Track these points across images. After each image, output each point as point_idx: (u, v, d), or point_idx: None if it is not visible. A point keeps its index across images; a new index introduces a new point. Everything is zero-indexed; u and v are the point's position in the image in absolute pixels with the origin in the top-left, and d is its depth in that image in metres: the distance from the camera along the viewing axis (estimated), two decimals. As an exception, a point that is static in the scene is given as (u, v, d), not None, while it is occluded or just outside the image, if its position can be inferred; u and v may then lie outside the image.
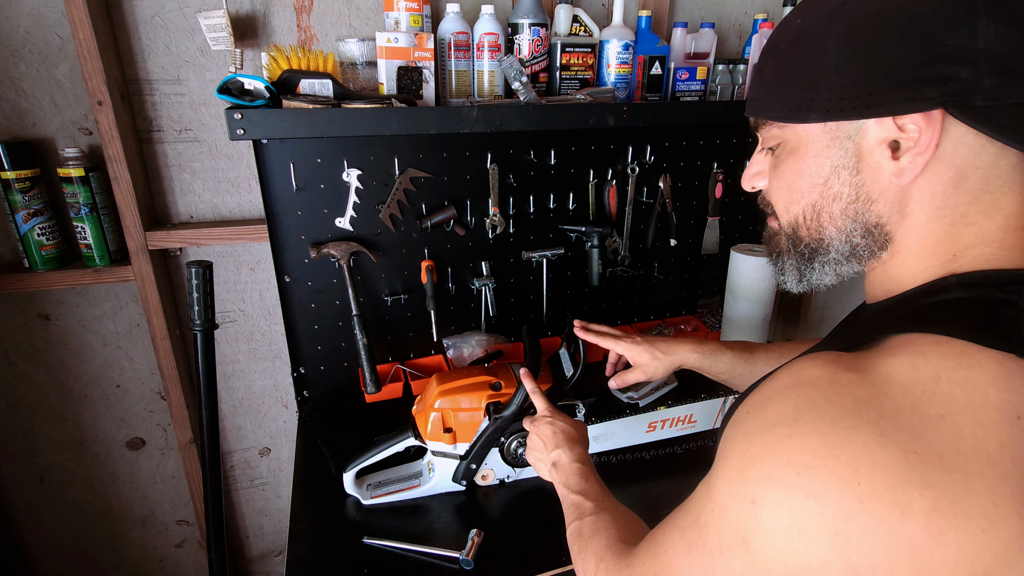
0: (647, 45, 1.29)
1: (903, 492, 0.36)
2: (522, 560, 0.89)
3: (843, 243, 0.52)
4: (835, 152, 0.49)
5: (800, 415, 0.41)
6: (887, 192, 0.48)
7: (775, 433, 0.41)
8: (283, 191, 1.16)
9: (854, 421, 0.38)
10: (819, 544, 0.38)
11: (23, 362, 1.29)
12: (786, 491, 0.39)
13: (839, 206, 0.51)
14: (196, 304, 1.04)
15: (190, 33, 1.17)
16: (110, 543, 1.51)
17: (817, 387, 0.41)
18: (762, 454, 0.41)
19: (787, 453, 0.40)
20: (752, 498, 0.41)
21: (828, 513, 0.37)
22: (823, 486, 0.37)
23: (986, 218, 0.46)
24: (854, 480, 0.37)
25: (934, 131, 0.43)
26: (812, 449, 0.39)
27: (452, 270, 1.34)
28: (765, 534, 0.40)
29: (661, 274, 1.55)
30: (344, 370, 1.33)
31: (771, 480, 0.40)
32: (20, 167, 1.11)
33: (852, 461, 0.37)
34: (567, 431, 0.85)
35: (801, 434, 0.40)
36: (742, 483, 0.42)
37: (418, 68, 1.10)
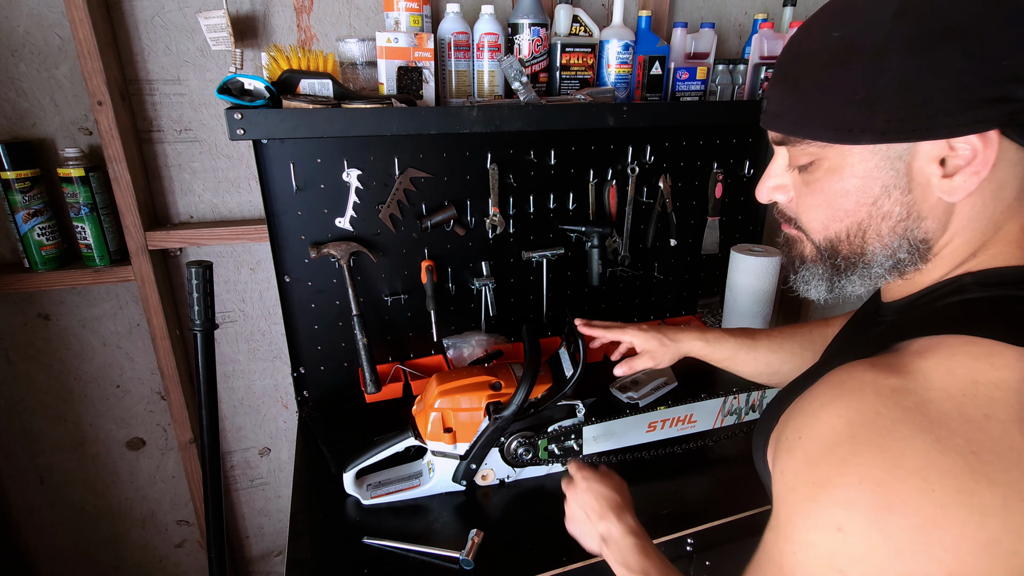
0: (647, 45, 1.29)
1: (974, 494, 0.36)
2: (522, 560, 0.89)
3: (887, 258, 0.51)
4: (886, 173, 0.47)
5: (856, 431, 0.41)
6: (936, 209, 0.47)
7: (837, 453, 0.41)
8: (283, 191, 1.16)
9: (910, 431, 0.39)
10: (917, 557, 0.37)
11: (23, 362, 1.29)
12: (868, 510, 0.39)
13: (888, 224, 0.49)
14: (196, 304, 1.04)
15: (190, 33, 1.17)
16: (110, 543, 1.51)
17: (863, 400, 0.42)
18: (831, 477, 0.41)
19: (856, 471, 0.40)
20: (837, 525, 0.40)
21: (915, 524, 0.37)
22: (901, 499, 0.38)
23: (1011, 222, 0.47)
24: (927, 488, 0.37)
25: (992, 152, 0.43)
26: (879, 463, 0.39)
27: (452, 270, 1.34)
28: (861, 560, 0.39)
29: (661, 274, 1.55)
30: (344, 370, 1.33)
31: (849, 502, 0.40)
32: (20, 167, 1.11)
33: (919, 470, 0.38)
34: (611, 498, 0.77)
35: (864, 451, 0.40)
36: (819, 512, 0.41)
37: (418, 68, 1.10)
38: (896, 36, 0.43)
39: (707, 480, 1.06)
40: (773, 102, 0.53)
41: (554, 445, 1.03)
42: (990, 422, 0.38)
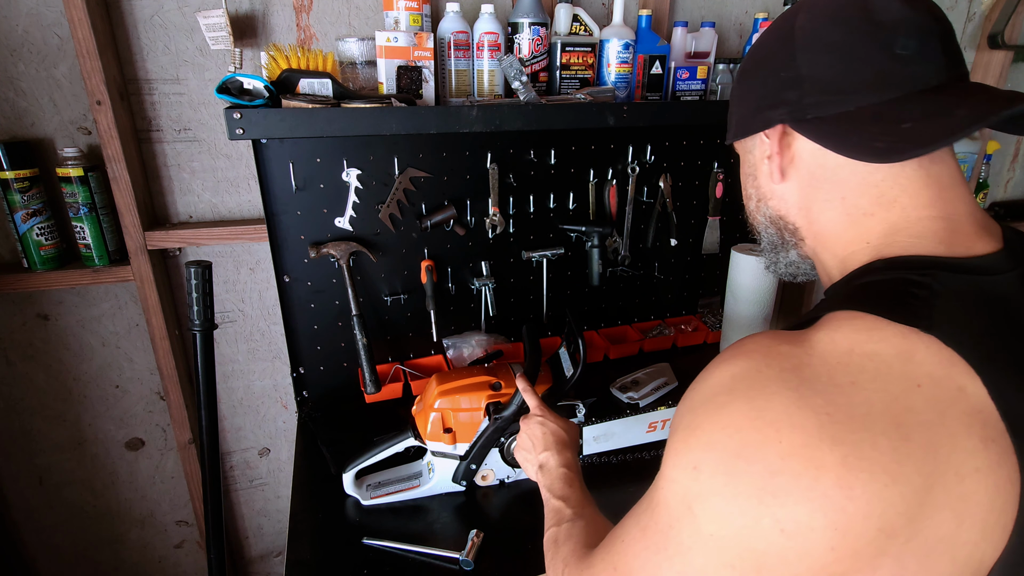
0: (647, 44, 1.28)
1: (816, 448, 0.39)
2: (522, 561, 0.89)
3: (765, 232, 0.63)
4: (745, 163, 0.64)
5: (735, 384, 0.45)
6: (775, 192, 0.59)
7: (714, 402, 0.45)
8: (282, 191, 1.15)
9: (779, 388, 0.43)
10: (750, 502, 0.41)
11: (22, 362, 1.29)
12: (721, 454, 0.43)
13: (752, 204, 0.64)
14: (195, 304, 1.04)
15: (189, 32, 1.17)
16: (109, 543, 1.51)
17: (751, 359, 0.46)
18: (703, 423, 0.45)
19: (723, 419, 0.44)
20: (694, 464, 0.45)
21: (755, 471, 0.41)
22: (752, 446, 0.41)
23: (884, 209, 0.52)
24: (776, 439, 0.41)
25: (776, 142, 0.56)
26: (743, 412, 0.43)
27: (452, 270, 1.34)
28: (705, 497, 0.43)
29: (661, 274, 1.55)
30: (344, 370, 1.33)
31: (709, 445, 0.44)
32: (19, 167, 1.11)
33: (775, 422, 0.41)
34: (558, 433, 0.84)
35: (735, 402, 0.44)
36: (686, 452, 0.46)
37: (418, 67, 1.10)
38: (739, 71, 0.63)
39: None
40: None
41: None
42: (854, 388, 0.41)
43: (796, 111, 0.53)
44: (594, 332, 1.52)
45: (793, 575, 0.40)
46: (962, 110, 0.47)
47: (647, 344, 1.50)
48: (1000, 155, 2.03)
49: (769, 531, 0.40)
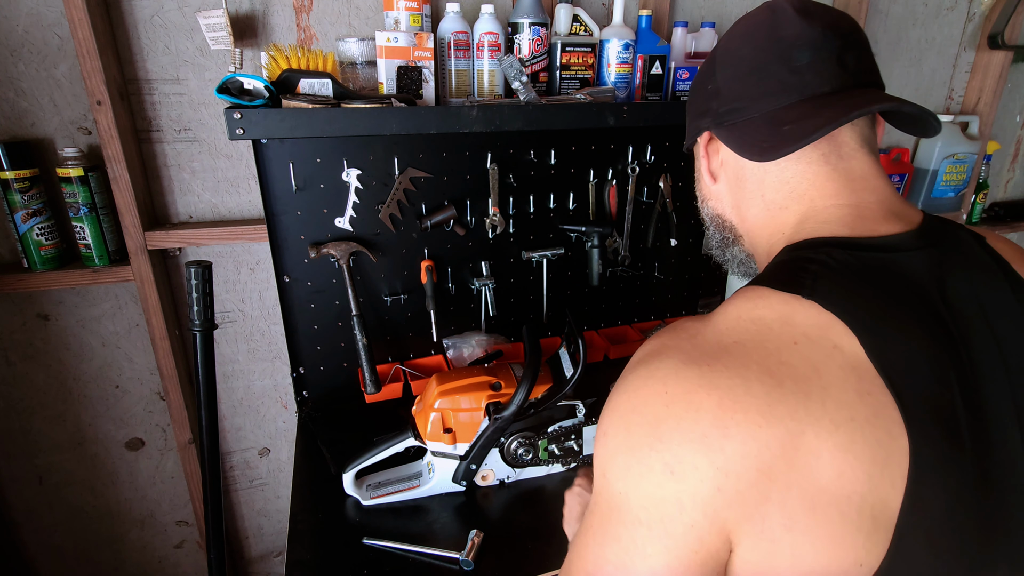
0: (647, 44, 1.28)
1: (695, 394, 0.44)
2: (522, 561, 0.89)
3: (713, 230, 0.70)
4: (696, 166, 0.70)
5: (640, 358, 0.50)
6: (712, 192, 0.66)
7: (623, 379, 0.50)
8: (283, 191, 1.15)
9: (672, 353, 0.48)
10: (643, 450, 0.45)
11: (22, 362, 1.29)
12: (619, 413, 0.48)
13: (700, 203, 0.71)
14: (195, 304, 1.04)
15: (189, 33, 1.17)
16: (109, 544, 1.50)
17: (659, 337, 0.52)
18: (613, 397, 0.50)
19: (624, 385, 0.49)
20: (604, 431, 0.49)
21: (646, 421, 0.45)
22: (643, 401, 0.46)
23: (796, 202, 0.58)
24: (663, 390, 0.46)
25: (703, 146, 0.65)
26: (640, 376, 0.48)
27: (452, 270, 1.34)
28: (612, 457, 0.47)
29: (661, 274, 1.55)
30: (344, 370, 1.33)
31: (612, 410, 0.49)
32: (19, 167, 1.11)
33: (663, 378, 0.46)
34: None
35: (636, 370, 0.49)
36: (600, 426, 0.50)
37: (418, 68, 1.10)
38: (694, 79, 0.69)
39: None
40: None
41: (554, 445, 1.03)
42: (736, 346, 0.46)
43: (716, 119, 0.61)
44: (594, 332, 1.52)
45: (691, 522, 0.43)
46: (829, 111, 0.53)
47: (647, 344, 1.50)
48: (1000, 155, 2.03)
49: (661, 475, 0.43)
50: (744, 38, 0.59)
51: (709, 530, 0.43)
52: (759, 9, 0.60)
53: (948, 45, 1.79)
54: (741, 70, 0.58)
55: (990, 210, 2.07)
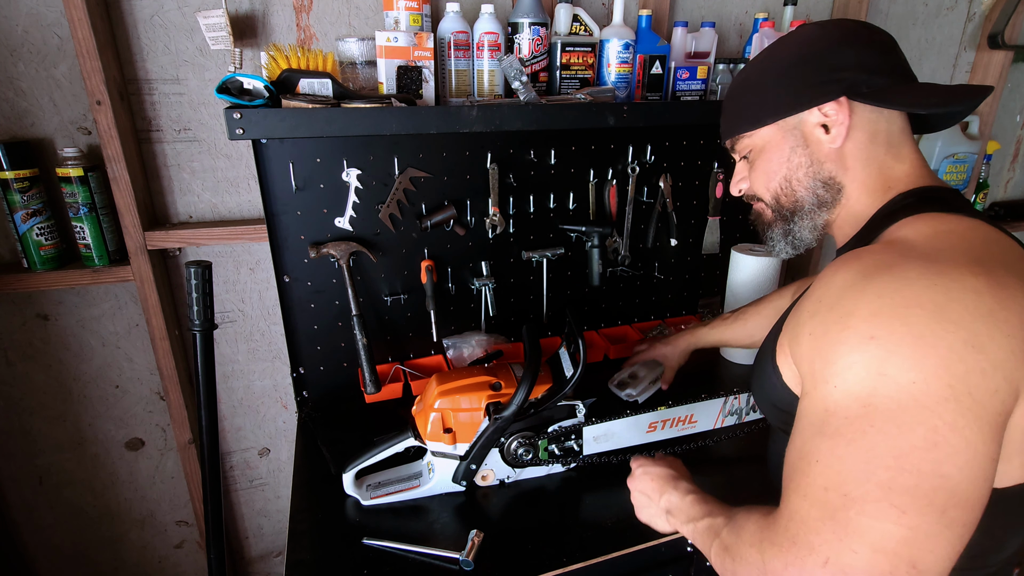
0: (647, 44, 1.28)
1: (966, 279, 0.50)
2: (522, 561, 0.89)
3: (812, 196, 0.74)
4: (789, 139, 0.74)
5: (865, 271, 0.54)
6: (831, 155, 0.72)
7: (855, 288, 0.54)
8: (282, 191, 1.15)
9: (903, 260, 0.54)
10: (937, 336, 0.48)
11: (22, 362, 1.29)
12: (889, 313, 0.50)
13: (802, 171, 0.74)
14: (195, 304, 1.04)
15: (189, 32, 1.17)
16: (109, 544, 1.50)
17: (862, 259, 0.56)
18: (856, 305, 0.53)
19: (875, 290, 0.52)
20: (870, 335, 0.51)
21: (928, 311, 0.49)
22: (915, 296, 0.50)
23: (900, 162, 0.71)
24: (930, 283, 0.50)
25: (844, 111, 0.69)
26: (889, 281, 0.52)
27: (452, 270, 1.34)
28: (894, 357, 0.49)
29: (661, 274, 1.55)
30: (344, 370, 1.33)
31: (874, 314, 0.51)
32: (19, 167, 1.11)
33: (922, 276, 0.51)
34: (663, 474, 0.82)
35: (876, 277, 0.53)
36: (852, 334, 0.52)
37: (418, 67, 1.10)
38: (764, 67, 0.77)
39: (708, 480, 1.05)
40: (722, 124, 0.85)
41: (554, 445, 1.03)
42: (954, 249, 0.55)
43: (853, 87, 0.68)
44: (594, 332, 1.52)
45: (995, 388, 0.48)
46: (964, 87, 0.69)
47: (647, 344, 1.50)
48: (1000, 155, 2.03)
49: (964, 351, 0.47)
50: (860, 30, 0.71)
51: (1008, 391, 0.48)
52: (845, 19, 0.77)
53: (948, 45, 1.79)
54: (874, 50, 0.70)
55: (990, 210, 2.07)
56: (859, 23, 0.73)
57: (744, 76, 0.80)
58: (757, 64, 0.78)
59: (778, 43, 0.77)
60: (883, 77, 0.69)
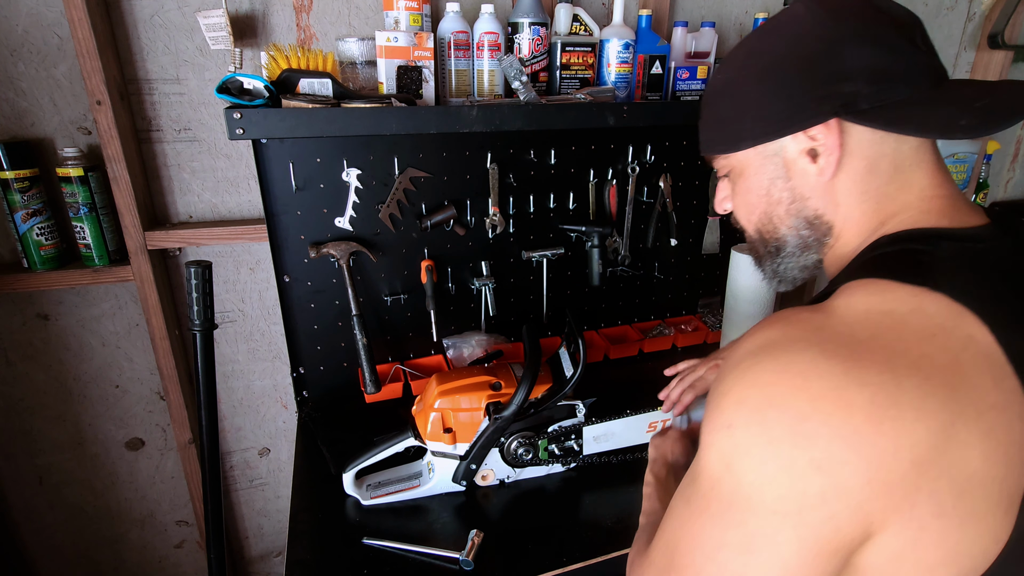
0: (647, 44, 1.28)
1: (845, 390, 0.43)
2: (522, 560, 0.89)
3: (795, 236, 0.63)
4: (769, 167, 0.61)
5: (763, 348, 0.48)
6: (816, 189, 0.59)
7: (742, 366, 0.48)
8: (282, 191, 1.15)
9: (804, 345, 0.46)
10: (783, 446, 0.44)
11: (22, 362, 1.29)
12: (752, 407, 0.46)
13: (783, 208, 0.62)
14: (195, 304, 1.04)
15: (189, 32, 1.17)
16: (109, 544, 1.51)
17: (775, 327, 0.50)
18: (732, 386, 0.48)
19: (752, 377, 0.47)
20: (728, 423, 0.47)
21: (787, 418, 0.44)
22: (780, 396, 0.45)
23: (904, 192, 0.56)
24: (804, 386, 0.44)
25: (834, 136, 0.55)
26: (771, 369, 0.46)
27: (452, 270, 1.34)
28: (743, 451, 0.46)
29: (661, 274, 1.55)
30: (344, 370, 1.33)
31: (740, 402, 0.47)
32: (19, 167, 1.11)
33: (802, 373, 0.45)
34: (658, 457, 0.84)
35: (762, 362, 0.47)
36: (718, 414, 0.48)
37: (418, 67, 1.10)
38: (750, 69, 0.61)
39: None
40: (700, 134, 0.70)
41: (554, 445, 1.03)
42: (874, 341, 0.45)
43: (851, 103, 0.54)
44: (594, 332, 1.52)
45: (831, 513, 0.43)
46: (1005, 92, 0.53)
47: (647, 344, 1.50)
48: (1000, 155, 2.03)
49: (806, 470, 0.43)
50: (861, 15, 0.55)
51: (850, 520, 0.43)
52: None
53: (948, 45, 1.79)
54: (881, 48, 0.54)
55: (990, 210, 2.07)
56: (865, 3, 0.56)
57: (720, 78, 0.65)
58: (735, 64, 0.63)
59: (762, 33, 0.62)
60: (894, 85, 0.54)
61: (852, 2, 0.56)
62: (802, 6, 0.58)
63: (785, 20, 0.59)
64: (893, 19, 0.55)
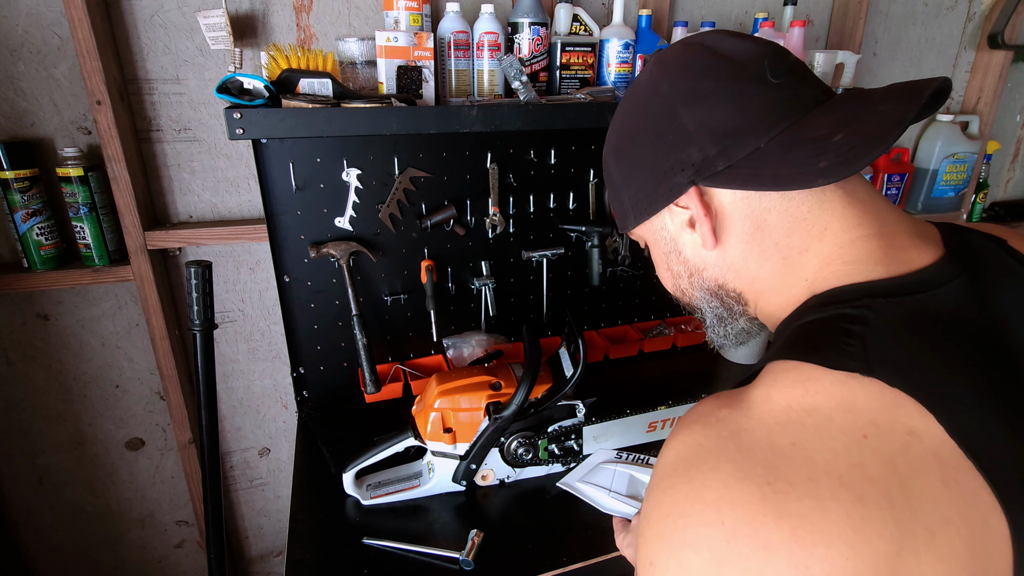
0: (647, 44, 1.28)
1: (762, 526, 0.35)
2: (522, 560, 0.89)
3: (707, 307, 0.59)
4: (661, 242, 0.60)
5: (678, 464, 0.42)
6: (708, 259, 0.56)
7: (660, 487, 0.42)
8: (282, 191, 1.15)
9: (716, 461, 0.39)
10: None
11: (22, 362, 1.29)
12: (670, 545, 0.39)
13: (684, 281, 0.59)
14: (195, 304, 1.04)
15: (189, 32, 1.17)
16: (109, 544, 1.51)
17: (692, 431, 0.43)
18: (652, 511, 0.42)
19: (668, 505, 0.40)
20: (650, 560, 0.41)
21: (704, 559, 0.37)
22: (695, 532, 0.38)
23: (816, 240, 0.49)
24: (718, 520, 0.37)
25: (697, 204, 0.52)
26: (685, 495, 0.39)
27: (452, 270, 1.34)
28: None
29: (661, 274, 1.55)
30: (344, 370, 1.33)
31: (659, 536, 0.40)
32: (19, 167, 1.11)
33: (715, 501, 0.37)
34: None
35: (677, 483, 0.40)
36: (642, 546, 0.42)
37: (418, 67, 1.10)
38: (611, 157, 0.61)
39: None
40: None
41: (554, 445, 1.03)
42: (795, 450, 0.37)
43: (702, 168, 0.51)
44: (594, 332, 1.52)
45: None
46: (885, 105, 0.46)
47: (647, 344, 1.50)
48: (1000, 155, 2.03)
49: None
50: (693, 72, 0.52)
51: None
52: (681, 46, 0.55)
53: (948, 45, 1.79)
54: (714, 103, 0.50)
55: (990, 210, 2.07)
56: (701, 49, 0.53)
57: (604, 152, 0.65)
58: (608, 141, 0.63)
59: (624, 103, 0.60)
60: (739, 139, 0.49)
61: (688, 56, 0.53)
62: (647, 70, 0.57)
63: (637, 87, 0.58)
64: (730, 63, 0.50)
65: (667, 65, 0.54)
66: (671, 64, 0.54)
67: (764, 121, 0.49)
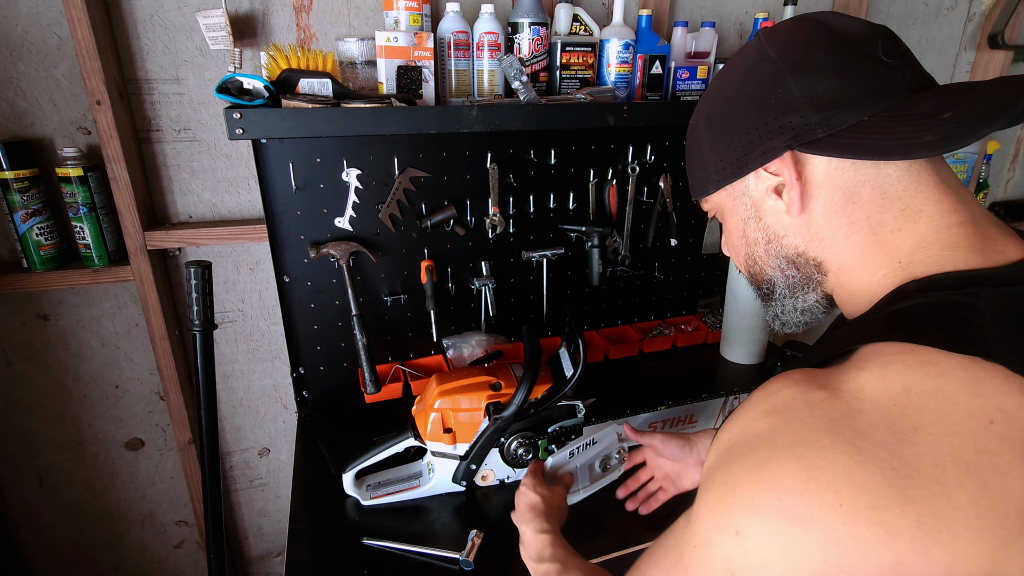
0: (647, 44, 1.28)
1: (886, 511, 0.35)
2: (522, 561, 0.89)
3: (781, 277, 0.59)
4: (739, 208, 0.60)
5: (777, 439, 0.40)
6: (790, 226, 0.55)
7: (754, 457, 0.41)
8: (282, 191, 1.15)
9: (830, 441, 0.38)
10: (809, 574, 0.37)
11: (22, 362, 1.29)
12: (770, 519, 0.38)
13: (761, 248, 0.59)
14: (195, 304, 1.04)
15: (189, 32, 1.17)
16: (109, 544, 1.50)
17: (791, 409, 0.41)
18: (743, 481, 0.41)
19: (768, 478, 0.39)
20: (736, 528, 0.40)
21: (815, 540, 0.36)
22: (806, 511, 0.37)
23: (911, 222, 0.49)
24: (835, 502, 0.36)
25: (791, 168, 0.52)
26: (792, 473, 0.38)
27: (452, 270, 1.34)
28: (755, 568, 0.39)
29: (661, 274, 1.55)
30: (344, 370, 1.33)
31: (753, 508, 0.39)
32: (19, 167, 1.10)
33: (832, 483, 0.36)
34: (533, 503, 0.83)
35: (780, 458, 0.39)
36: (724, 513, 0.41)
37: (418, 67, 1.10)
38: (702, 115, 0.61)
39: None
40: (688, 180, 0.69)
41: (554, 445, 1.03)
42: (918, 434, 0.36)
43: (803, 133, 0.51)
44: (594, 332, 1.52)
45: None
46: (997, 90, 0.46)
47: (647, 344, 1.50)
48: (1000, 155, 2.03)
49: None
50: (805, 43, 0.52)
51: None
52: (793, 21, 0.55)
53: (948, 45, 1.79)
54: (823, 73, 0.50)
55: (990, 210, 2.07)
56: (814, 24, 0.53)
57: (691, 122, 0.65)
58: (699, 107, 0.63)
59: (721, 73, 0.61)
60: (842, 110, 0.50)
61: (800, 29, 0.54)
62: (754, 40, 0.57)
63: (738, 57, 0.58)
64: (844, 39, 0.51)
65: (777, 36, 0.54)
66: (781, 35, 0.54)
67: (871, 96, 0.49)
